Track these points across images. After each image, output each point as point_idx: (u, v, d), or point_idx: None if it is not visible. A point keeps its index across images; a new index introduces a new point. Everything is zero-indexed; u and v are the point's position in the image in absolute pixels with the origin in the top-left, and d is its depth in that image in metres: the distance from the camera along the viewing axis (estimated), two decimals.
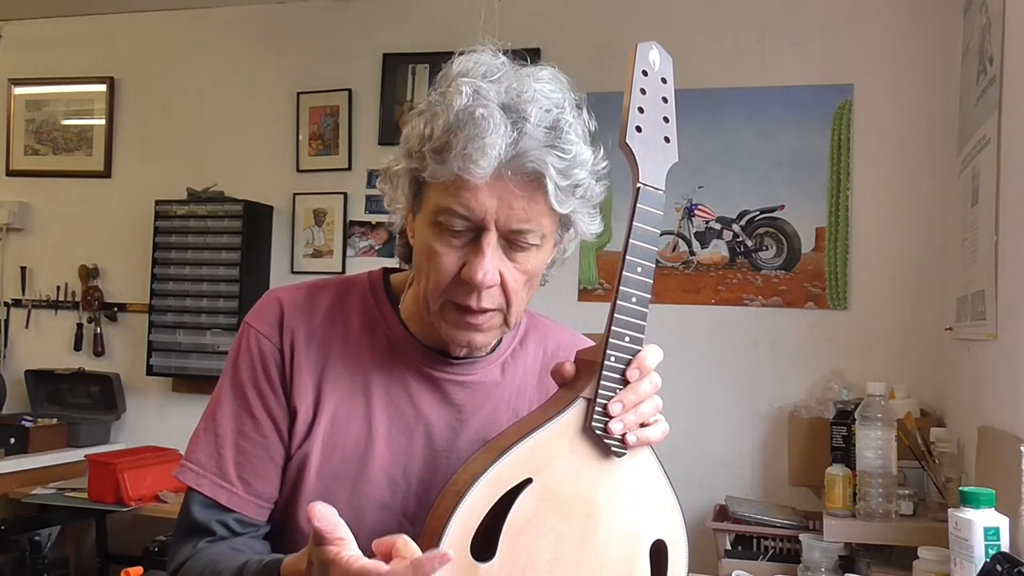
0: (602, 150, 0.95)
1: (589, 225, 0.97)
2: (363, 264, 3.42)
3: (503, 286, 0.92)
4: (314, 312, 1.02)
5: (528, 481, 0.85)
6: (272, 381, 0.99)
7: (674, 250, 3.13)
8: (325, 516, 0.74)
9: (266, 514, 1.00)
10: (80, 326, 3.84)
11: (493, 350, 1.05)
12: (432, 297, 0.93)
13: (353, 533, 0.75)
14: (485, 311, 0.92)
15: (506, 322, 0.95)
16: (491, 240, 0.89)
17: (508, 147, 0.86)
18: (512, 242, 0.91)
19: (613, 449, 0.89)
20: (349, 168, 3.55)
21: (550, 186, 0.88)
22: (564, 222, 0.95)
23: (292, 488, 0.99)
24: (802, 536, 2.27)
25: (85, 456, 3.16)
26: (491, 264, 0.89)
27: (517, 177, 0.87)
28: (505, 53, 0.94)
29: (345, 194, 3.54)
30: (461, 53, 0.94)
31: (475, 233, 0.90)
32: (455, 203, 0.88)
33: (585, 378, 0.90)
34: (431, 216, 0.91)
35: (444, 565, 0.69)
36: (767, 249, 3.05)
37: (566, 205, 0.90)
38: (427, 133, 0.89)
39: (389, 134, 3.48)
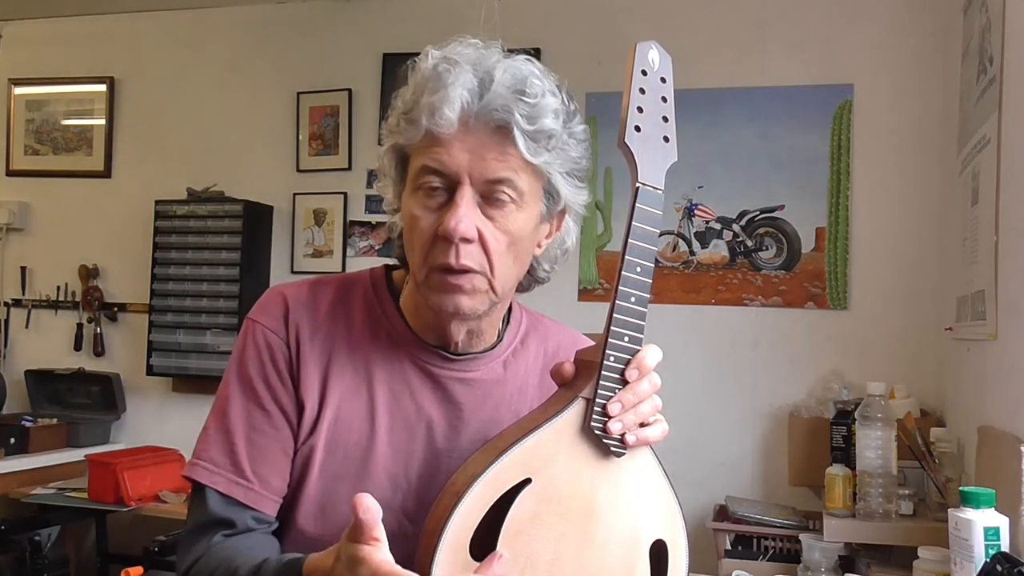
0: (579, 116, 0.97)
1: (576, 194, 0.97)
2: (363, 264, 3.41)
3: (483, 244, 0.91)
4: (317, 307, 1.02)
5: (527, 481, 0.85)
6: (281, 374, 0.98)
7: (674, 250, 3.13)
8: (370, 509, 0.74)
9: (277, 509, 0.99)
10: (80, 326, 3.84)
11: (494, 347, 1.05)
12: (418, 267, 0.93)
13: None
14: (466, 270, 0.91)
15: (492, 288, 0.94)
16: (465, 193, 0.90)
17: (474, 98, 0.88)
18: (488, 197, 0.91)
19: (612, 449, 0.89)
20: (349, 168, 3.55)
21: (517, 134, 0.88)
22: (547, 188, 0.95)
23: (295, 485, 0.98)
24: (802, 536, 2.27)
25: (85, 456, 3.16)
26: (464, 215, 0.89)
27: (487, 128, 0.89)
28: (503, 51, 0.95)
29: (345, 194, 3.54)
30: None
31: (451, 192, 0.91)
32: (428, 159, 0.90)
33: (584, 378, 0.90)
34: (411, 184, 0.93)
35: None
36: (767, 249, 3.05)
37: (538, 155, 0.90)
38: (399, 105, 0.93)
39: None
